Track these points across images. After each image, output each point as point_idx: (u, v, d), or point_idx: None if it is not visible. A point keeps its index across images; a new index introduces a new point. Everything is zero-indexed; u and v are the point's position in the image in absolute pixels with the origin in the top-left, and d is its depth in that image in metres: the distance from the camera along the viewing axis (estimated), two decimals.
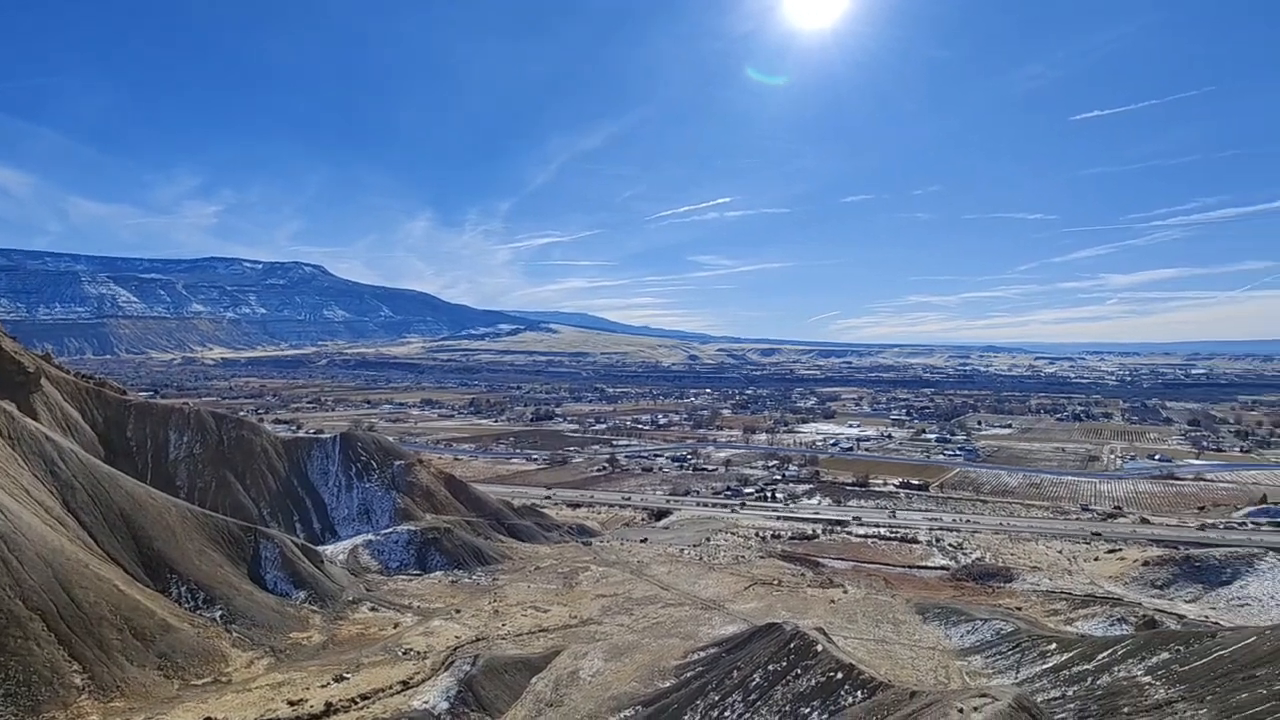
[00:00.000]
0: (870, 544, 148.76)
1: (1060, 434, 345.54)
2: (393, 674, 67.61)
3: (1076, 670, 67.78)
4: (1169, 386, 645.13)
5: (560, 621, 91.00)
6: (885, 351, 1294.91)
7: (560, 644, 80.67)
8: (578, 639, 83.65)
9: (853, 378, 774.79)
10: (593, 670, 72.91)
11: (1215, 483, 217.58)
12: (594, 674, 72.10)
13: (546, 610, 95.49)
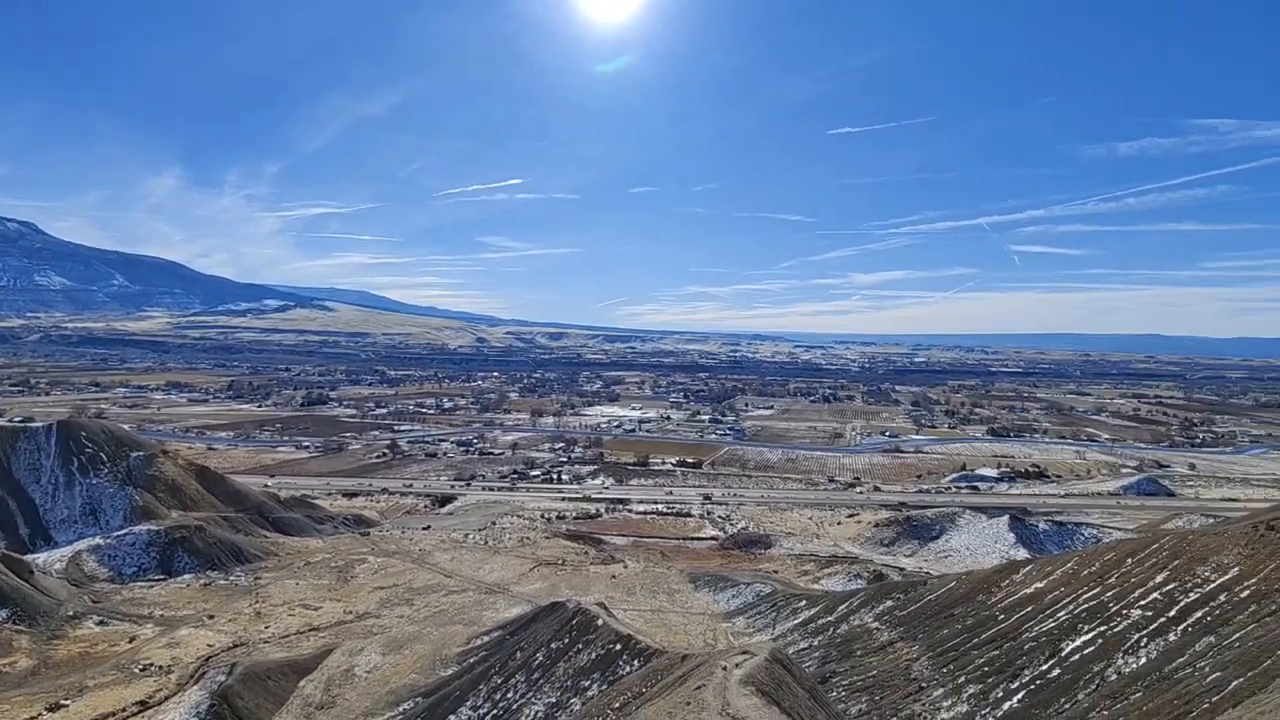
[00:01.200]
0: (649, 520, 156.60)
1: (813, 414, 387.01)
2: (127, 694, 59.59)
3: (821, 622, 76.96)
4: (898, 372, 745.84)
5: (334, 618, 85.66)
6: (667, 338, 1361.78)
7: (333, 642, 76.03)
8: (353, 635, 79.36)
9: (636, 362, 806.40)
10: (369, 666, 69.69)
11: (930, 454, 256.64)
12: (371, 669, 68.96)
13: (318, 608, 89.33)
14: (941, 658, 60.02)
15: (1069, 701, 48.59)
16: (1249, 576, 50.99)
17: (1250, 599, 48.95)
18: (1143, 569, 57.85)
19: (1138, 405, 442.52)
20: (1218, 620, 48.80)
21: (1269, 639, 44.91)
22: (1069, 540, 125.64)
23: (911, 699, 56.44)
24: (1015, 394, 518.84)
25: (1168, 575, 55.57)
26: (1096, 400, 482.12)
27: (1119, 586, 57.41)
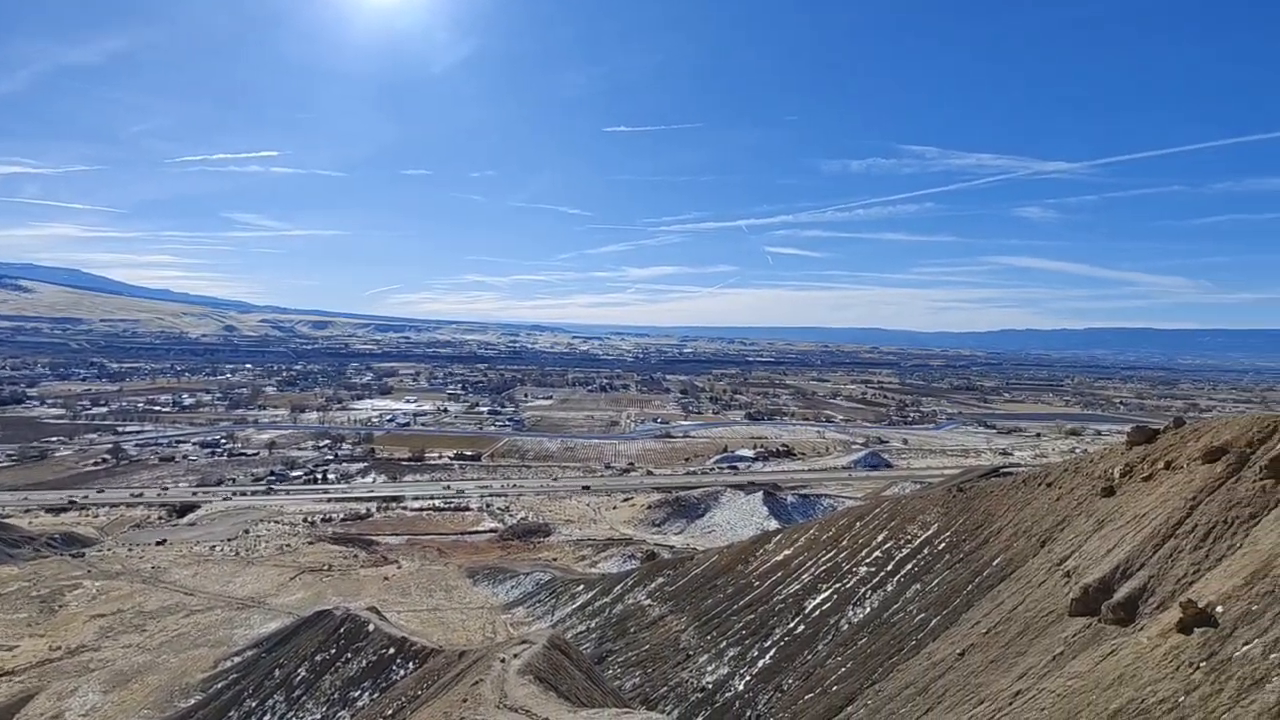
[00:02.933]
0: (425, 516, 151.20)
1: (590, 403, 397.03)
2: None
3: (599, 604, 79.68)
4: (669, 362, 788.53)
5: (35, 657, 72.51)
6: (444, 328, 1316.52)
7: (37, 685, 64.45)
8: (63, 674, 67.84)
9: (411, 353, 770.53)
10: (86, 708, 60.11)
11: (697, 439, 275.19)
12: (87, 712, 59.52)
13: (12, 647, 75.07)
14: (706, 626, 65.03)
15: (810, 653, 55.13)
16: (944, 531, 61.25)
17: (945, 550, 58.77)
18: (868, 531, 67.02)
19: (864, 390, 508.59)
20: (922, 570, 58.09)
21: (957, 581, 54.34)
22: (812, 510, 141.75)
23: (680, 667, 60.56)
24: (769, 381, 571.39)
25: (886, 535, 64.92)
26: (833, 386, 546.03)
27: (850, 548, 66.03)
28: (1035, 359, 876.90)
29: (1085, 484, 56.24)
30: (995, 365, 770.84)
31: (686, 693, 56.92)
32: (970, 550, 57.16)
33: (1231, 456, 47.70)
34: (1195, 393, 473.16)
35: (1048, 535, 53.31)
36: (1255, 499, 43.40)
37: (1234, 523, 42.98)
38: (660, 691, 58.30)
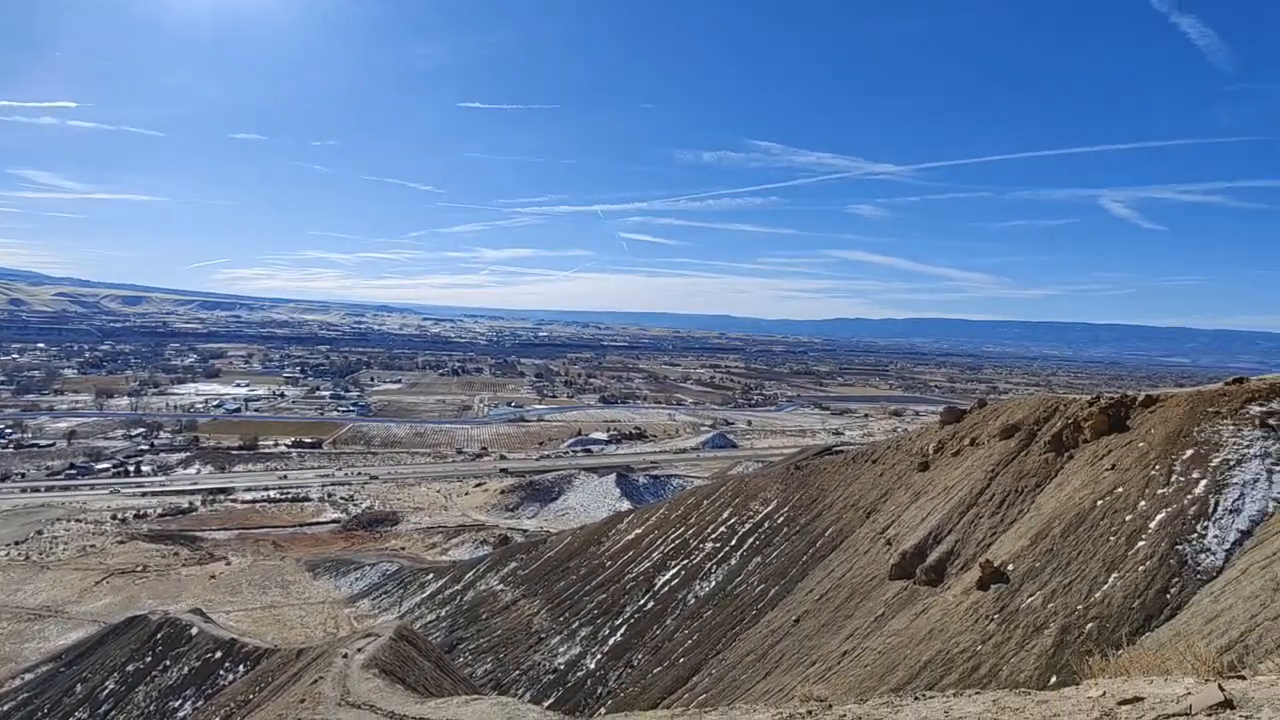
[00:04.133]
0: (259, 508, 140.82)
1: (442, 387, 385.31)
2: None
3: (449, 592, 77.98)
4: (524, 346, 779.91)
5: None
6: (280, 306, 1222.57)
7: None
8: None
9: (242, 333, 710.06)
10: None
11: (551, 422, 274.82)
12: None
13: None
14: (559, 608, 65.49)
15: (659, 628, 57.01)
16: (783, 506, 65.29)
17: (783, 524, 62.66)
18: (714, 508, 70.10)
19: (713, 374, 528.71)
20: (763, 543, 61.66)
21: (794, 552, 58.13)
22: (662, 490, 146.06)
23: (533, 650, 60.65)
24: (623, 365, 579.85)
25: (731, 512, 68.22)
26: (684, 370, 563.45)
27: (698, 525, 68.80)
28: (865, 346, 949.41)
29: (905, 460, 61.95)
30: (830, 351, 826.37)
31: (539, 674, 57.18)
32: (805, 523, 61.36)
33: (1023, 433, 54.17)
34: (996, 377, 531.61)
35: (873, 507, 58.29)
36: (1040, 470, 49.47)
37: (1023, 491, 48.86)
38: (513, 675, 58.17)
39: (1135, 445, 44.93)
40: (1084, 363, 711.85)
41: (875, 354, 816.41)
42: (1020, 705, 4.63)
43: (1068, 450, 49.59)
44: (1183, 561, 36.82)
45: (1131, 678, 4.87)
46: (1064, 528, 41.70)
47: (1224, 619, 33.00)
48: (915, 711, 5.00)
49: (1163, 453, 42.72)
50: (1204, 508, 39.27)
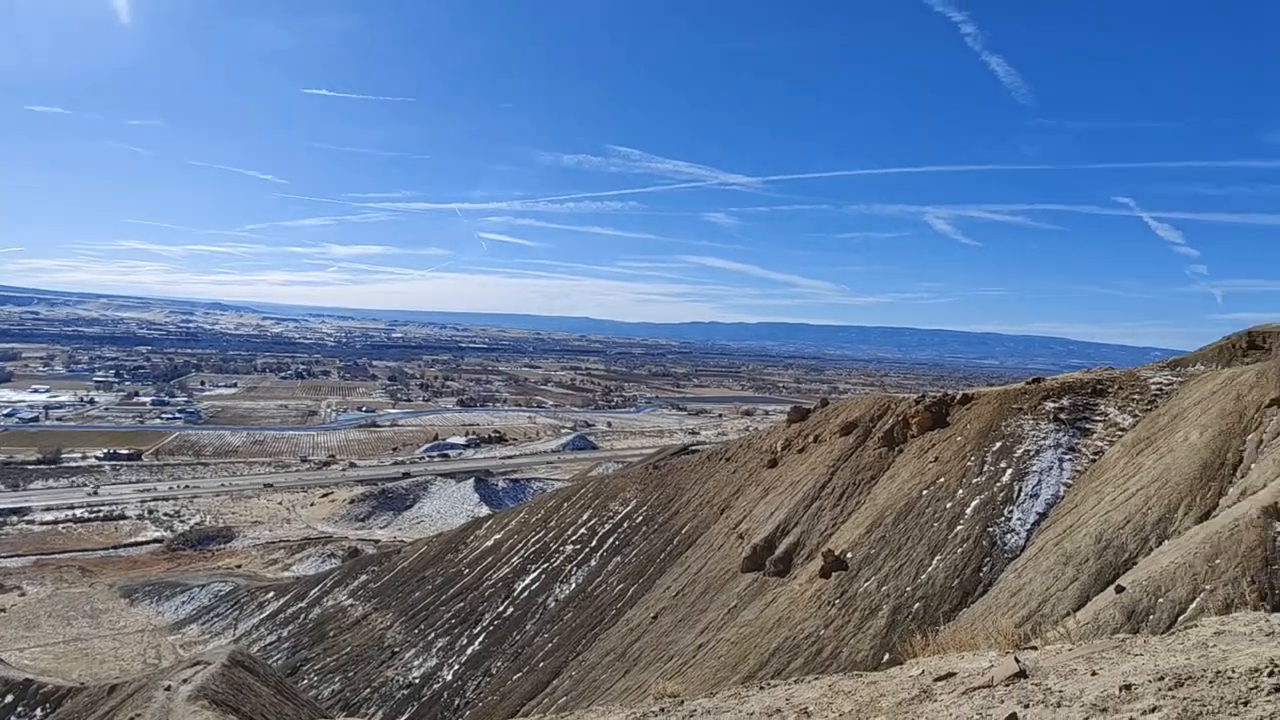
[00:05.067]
0: (62, 530, 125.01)
1: (284, 392, 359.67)
2: None
3: (292, 610, 72.93)
4: (376, 347, 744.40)
5: None
6: (90, 302, 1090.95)
7: None
8: None
9: (41, 331, 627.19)
10: None
11: (406, 427, 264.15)
12: None
13: None
14: (414, 620, 63.04)
15: (519, 633, 56.28)
16: (642, 505, 66.51)
17: (642, 523, 63.83)
18: (574, 510, 70.19)
19: (574, 376, 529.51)
20: (623, 543, 62.47)
21: (652, 551, 59.36)
22: (522, 494, 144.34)
23: (385, 665, 57.99)
24: (482, 368, 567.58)
25: (591, 513, 68.60)
26: (545, 372, 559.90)
27: (558, 527, 68.60)
28: (719, 349, 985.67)
29: (756, 457, 64.96)
30: (687, 354, 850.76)
31: (392, 691, 54.81)
32: (664, 522, 62.84)
33: (860, 430, 58.36)
34: (837, 378, 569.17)
35: (726, 504, 60.67)
36: (875, 463, 53.42)
37: (861, 483, 52.53)
38: (363, 694, 55.40)
39: (954, 439, 49.73)
40: (911, 364, 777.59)
41: (729, 356, 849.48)
42: (853, 687, 5.03)
43: (898, 445, 54.08)
44: (993, 542, 41.12)
45: (947, 654, 5.43)
46: (895, 516, 45.39)
47: (1025, 592, 37.08)
48: (760, 701, 5.29)
49: (976, 445, 47.55)
50: (1010, 493, 44.10)
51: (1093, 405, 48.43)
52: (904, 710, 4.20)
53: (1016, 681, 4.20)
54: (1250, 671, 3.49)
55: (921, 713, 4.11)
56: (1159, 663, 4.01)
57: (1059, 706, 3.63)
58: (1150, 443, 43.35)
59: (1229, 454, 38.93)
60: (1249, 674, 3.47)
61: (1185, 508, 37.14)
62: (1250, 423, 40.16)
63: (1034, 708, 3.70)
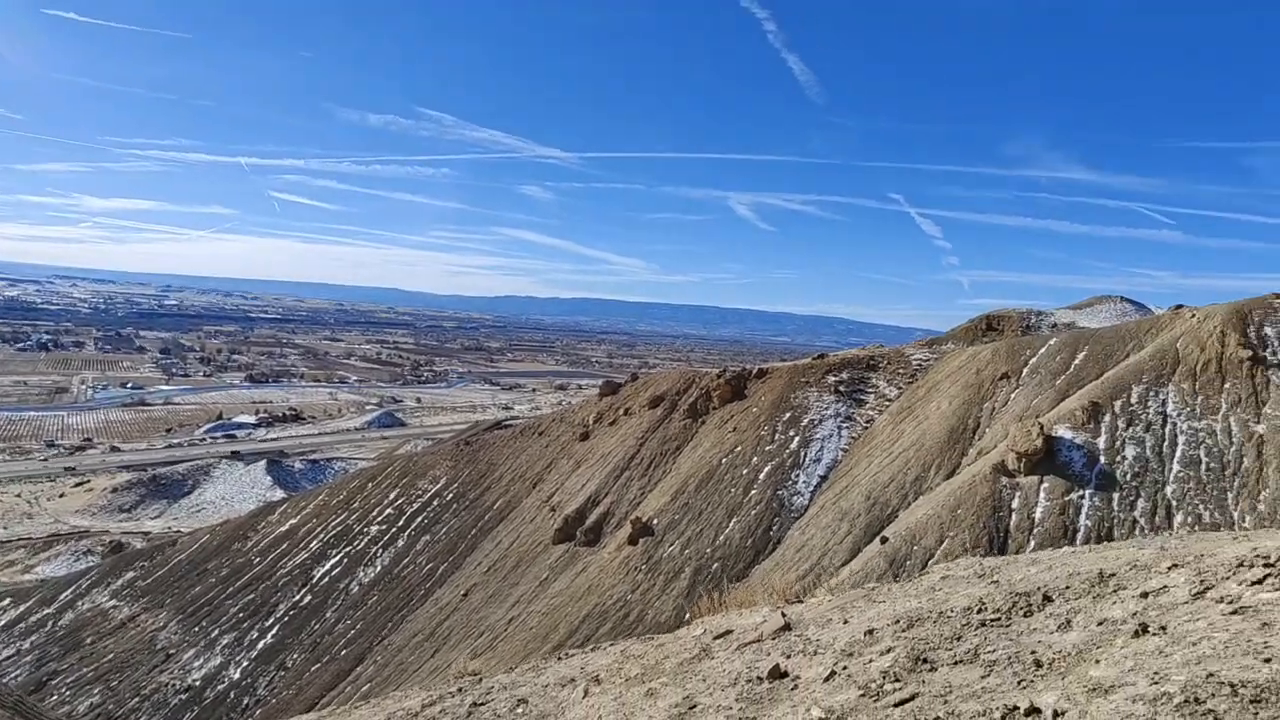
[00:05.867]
0: None
1: (23, 365, 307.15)
2: None
3: (36, 618, 63.32)
4: (144, 316, 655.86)
5: None
6: None
7: None
8: None
9: None
10: None
11: (182, 405, 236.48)
12: None
13: None
14: (194, 617, 57.28)
15: (318, 622, 53.08)
16: (453, 482, 65.03)
17: (453, 499, 62.48)
18: (380, 490, 67.09)
19: (380, 350, 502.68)
20: (432, 521, 60.77)
21: (463, 527, 58.41)
22: (322, 475, 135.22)
23: (159, 670, 52.29)
24: (275, 340, 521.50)
25: (399, 492, 65.95)
26: (348, 346, 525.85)
27: (362, 509, 65.24)
28: (533, 323, 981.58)
29: (568, 431, 65.79)
30: (501, 328, 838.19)
31: (166, 697, 49.60)
32: (475, 498, 61.92)
33: (666, 403, 61.07)
34: (648, 353, 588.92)
35: (539, 477, 60.99)
36: (680, 434, 56.19)
37: (667, 453, 55.09)
38: (130, 704, 49.60)
39: (750, 411, 53.57)
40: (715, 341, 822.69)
41: (543, 331, 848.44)
42: (643, 651, 5.33)
43: (701, 416, 57.30)
44: (782, 504, 44.98)
45: (728, 613, 5.92)
46: (698, 483, 48.18)
47: (809, 547, 40.94)
48: (556, 672, 5.45)
49: (770, 416, 51.56)
50: (797, 459, 48.34)
51: (866, 379, 54.33)
52: (684, 669, 4.54)
53: (782, 634, 4.69)
54: (964, 610, 4.19)
55: (699, 670, 4.47)
56: (897, 608, 4.67)
57: (815, 654, 4.12)
58: (911, 411, 49.54)
59: (970, 420, 45.51)
60: (963, 612, 4.16)
61: (937, 467, 42.96)
62: (986, 393, 47.17)
63: (795, 657, 4.17)
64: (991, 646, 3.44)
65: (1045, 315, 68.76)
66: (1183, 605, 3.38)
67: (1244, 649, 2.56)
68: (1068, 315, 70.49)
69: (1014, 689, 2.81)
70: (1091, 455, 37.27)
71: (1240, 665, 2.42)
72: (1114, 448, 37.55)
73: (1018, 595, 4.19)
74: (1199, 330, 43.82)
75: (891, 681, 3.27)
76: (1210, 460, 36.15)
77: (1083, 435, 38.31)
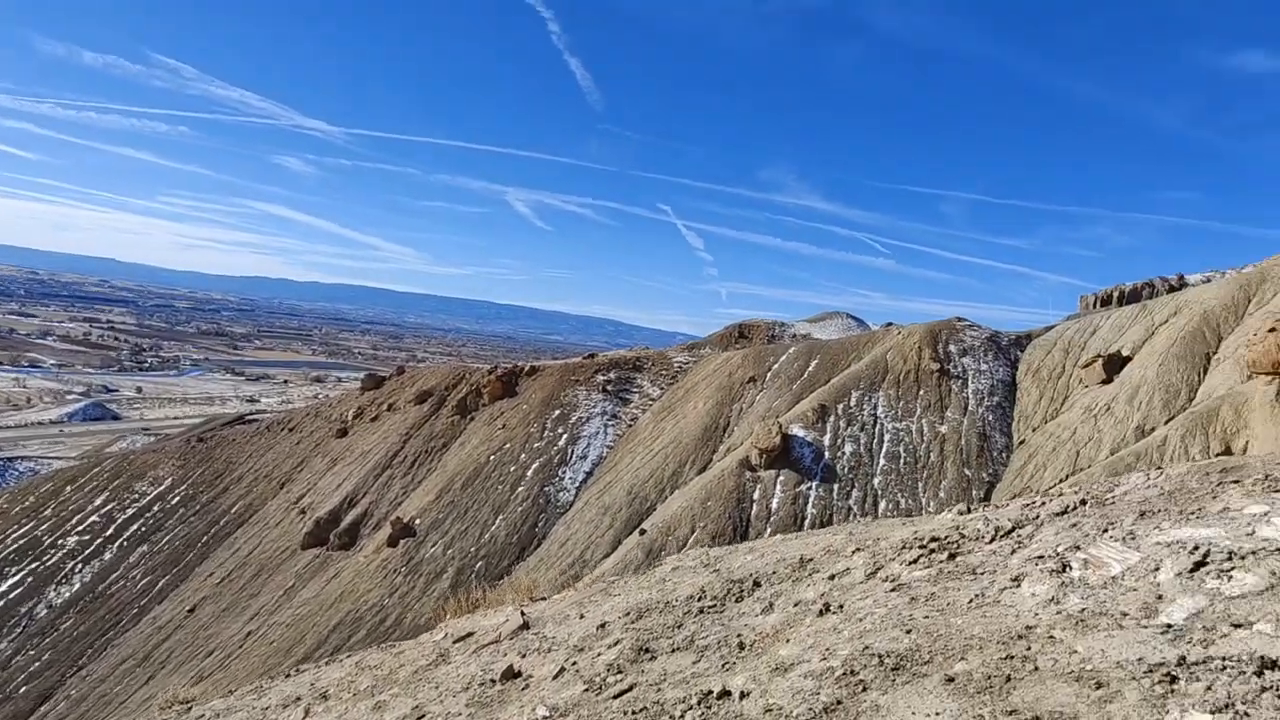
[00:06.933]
0: None
1: None
2: None
3: None
4: None
5: None
6: None
7: None
8: None
9: None
10: None
11: None
12: None
13: None
14: None
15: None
16: (181, 484, 57.33)
17: (180, 504, 55.14)
18: (83, 495, 57.24)
19: (89, 329, 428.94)
20: (152, 529, 53.07)
21: (192, 535, 51.81)
22: (2, 478, 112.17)
23: None
24: None
25: (108, 496, 56.73)
26: (44, 323, 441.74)
27: (55, 517, 55.18)
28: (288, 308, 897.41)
29: (324, 427, 61.03)
30: (248, 312, 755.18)
31: None
32: (209, 500, 55.11)
33: (435, 398, 59.28)
34: (416, 346, 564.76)
35: (288, 477, 55.86)
36: (448, 431, 54.84)
37: (433, 451, 53.44)
38: None
39: (521, 407, 53.57)
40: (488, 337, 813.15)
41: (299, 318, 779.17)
42: (379, 661, 5.12)
43: (471, 413, 56.16)
44: (549, 500, 45.59)
45: (474, 614, 5.89)
46: (464, 481, 47.14)
47: (572, 542, 41.93)
48: (281, 691, 5.03)
49: (540, 413, 51.99)
50: (564, 456, 49.26)
51: (632, 379, 56.87)
52: (418, 677, 4.45)
53: (520, 634, 4.78)
54: (688, 599, 4.58)
55: (434, 677, 4.40)
56: (630, 600, 4.99)
57: (549, 652, 4.25)
58: (671, 410, 52.73)
59: (722, 419, 49.50)
60: (686, 600, 4.55)
61: (692, 463, 46.14)
62: (736, 394, 51.62)
63: (530, 656, 4.27)
64: (706, 633, 3.81)
65: (787, 326, 76.86)
66: (859, 585, 4.02)
67: (894, 622, 3.11)
68: (805, 327, 79.38)
69: (718, 672, 3.15)
70: (819, 451, 42.34)
71: (889, 637, 2.93)
72: (836, 444, 42.99)
73: (733, 582, 4.68)
74: (903, 345, 51.63)
75: (614, 674, 3.48)
76: (907, 455, 42.77)
77: (813, 433, 43.38)
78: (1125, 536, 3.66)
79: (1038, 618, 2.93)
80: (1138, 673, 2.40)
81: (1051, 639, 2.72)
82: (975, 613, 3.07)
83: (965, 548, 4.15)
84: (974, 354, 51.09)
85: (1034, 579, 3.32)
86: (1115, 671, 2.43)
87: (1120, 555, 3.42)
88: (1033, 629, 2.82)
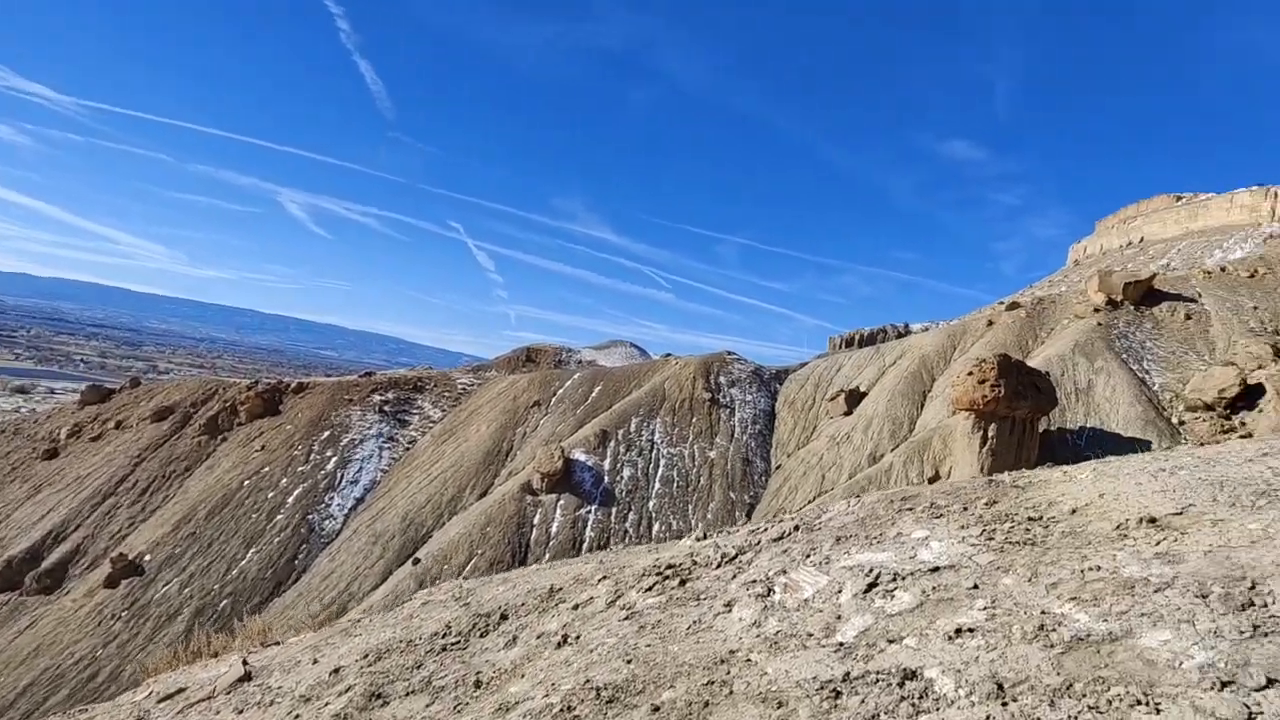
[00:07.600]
0: None
1: None
2: None
3: None
4: None
5: None
6: None
7: None
8: None
9: None
10: None
11: None
12: None
13: None
14: None
15: None
16: None
17: None
18: None
19: None
20: None
21: None
22: None
23: None
24: None
25: None
26: None
27: None
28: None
29: (26, 446, 51.41)
30: None
31: None
32: None
33: (178, 415, 52.61)
34: (158, 356, 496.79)
35: None
36: (193, 453, 48.89)
37: (172, 475, 47.32)
38: None
39: (285, 428, 49.03)
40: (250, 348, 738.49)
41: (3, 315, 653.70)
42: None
43: (223, 433, 50.30)
44: (311, 529, 42.09)
45: (192, 665, 5.30)
46: (210, 509, 42.01)
47: (337, 574, 39.02)
48: None
49: (306, 434, 47.98)
50: (332, 481, 45.89)
51: (413, 400, 54.48)
52: None
53: (239, 686, 4.40)
54: (431, 635, 4.52)
55: None
56: (370, 640, 4.81)
57: (271, 705, 3.97)
58: (453, 433, 51.20)
59: (505, 443, 49.00)
60: (430, 638, 4.49)
61: (473, 487, 45.06)
62: (521, 418, 51.43)
63: (249, 711, 3.95)
64: (445, 672, 3.80)
65: (574, 352, 78.28)
66: (599, 615, 4.24)
67: (619, 652, 3.34)
68: (591, 354, 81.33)
69: (449, 714, 3.16)
70: (599, 475, 43.37)
71: (610, 668, 3.14)
72: (616, 469, 44.33)
73: (480, 616, 4.70)
74: (679, 375, 54.77)
75: None
76: (679, 479, 45.21)
77: (594, 458, 44.38)
78: (821, 561, 4.25)
79: (741, 641, 3.31)
80: (811, 690, 2.80)
81: (749, 662, 3.10)
82: (690, 639, 3.40)
83: (695, 574, 4.55)
84: (741, 385, 55.49)
85: (743, 604, 3.75)
86: (794, 690, 2.83)
87: (813, 579, 3.97)
88: (735, 653, 3.19)
